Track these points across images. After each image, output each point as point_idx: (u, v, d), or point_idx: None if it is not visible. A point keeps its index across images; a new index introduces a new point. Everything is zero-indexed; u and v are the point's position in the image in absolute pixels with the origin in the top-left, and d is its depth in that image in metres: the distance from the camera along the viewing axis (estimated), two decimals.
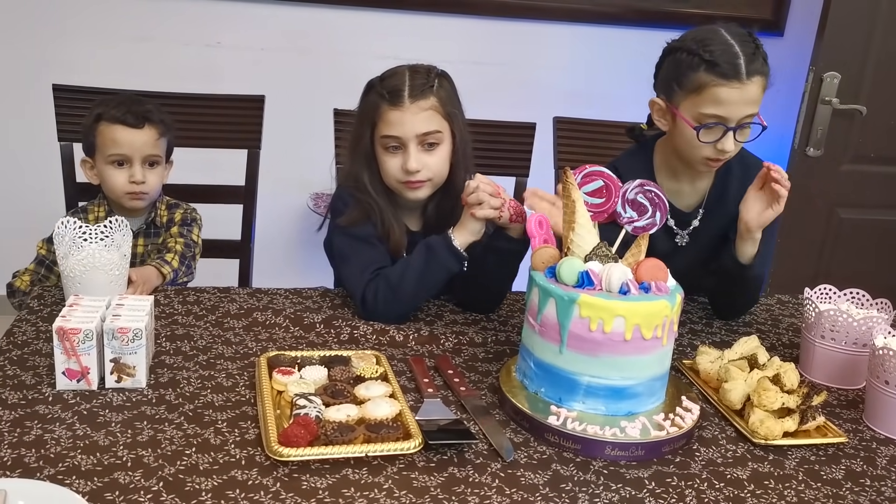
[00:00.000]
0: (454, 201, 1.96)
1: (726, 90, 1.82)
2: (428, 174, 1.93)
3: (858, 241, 3.69)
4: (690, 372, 1.75)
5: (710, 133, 1.86)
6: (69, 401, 1.44)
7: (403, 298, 1.87)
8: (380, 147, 1.94)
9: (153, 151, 2.14)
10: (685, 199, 2.07)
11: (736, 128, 1.85)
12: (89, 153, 2.17)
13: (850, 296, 1.87)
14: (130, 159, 2.11)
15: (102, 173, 2.14)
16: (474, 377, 1.67)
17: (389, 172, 1.94)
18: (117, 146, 2.11)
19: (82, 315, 1.49)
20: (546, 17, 3.90)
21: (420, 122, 1.90)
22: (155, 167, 2.16)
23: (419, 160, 1.90)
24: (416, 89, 1.90)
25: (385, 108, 1.90)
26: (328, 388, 1.50)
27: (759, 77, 1.83)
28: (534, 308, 1.52)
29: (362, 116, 1.97)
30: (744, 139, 1.90)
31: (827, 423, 1.55)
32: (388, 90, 1.91)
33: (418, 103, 1.90)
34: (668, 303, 1.45)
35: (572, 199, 1.56)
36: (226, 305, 1.90)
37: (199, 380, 1.55)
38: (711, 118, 1.84)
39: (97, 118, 2.13)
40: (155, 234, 2.22)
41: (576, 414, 1.46)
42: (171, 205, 2.26)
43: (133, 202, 2.15)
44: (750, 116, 1.85)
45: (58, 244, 1.77)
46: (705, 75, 1.83)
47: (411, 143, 1.90)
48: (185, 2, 3.60)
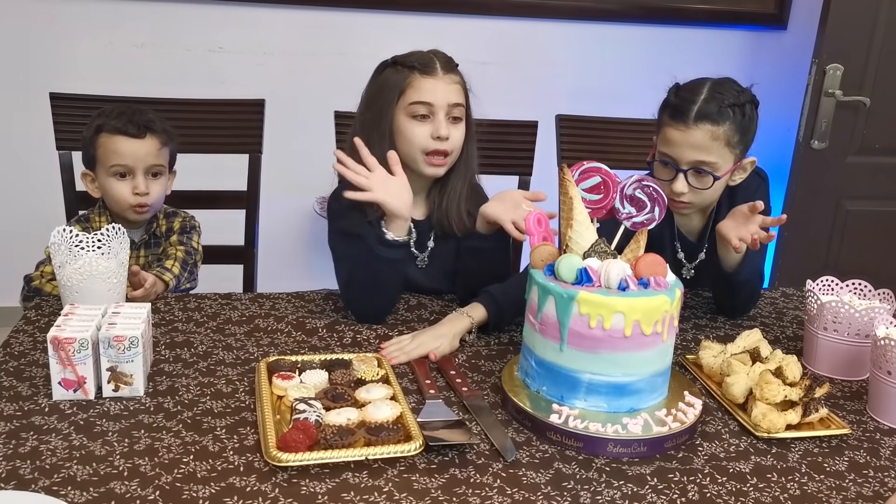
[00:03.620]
0: (463, 185, 2.01)
1: (672, 131, 1.90)
2: (452, 146, 1.96)
3: (865, 232, 3.68)
4: (694, 367, 1.73)
5: (665, 170, 1.93)
6: (65, 411, 1.43)
7: (361, 297, 1.88)
8: (405, 116, 1.95)
9: (156, 161, 2.12)
10: (693, 229, 2.12)
11: (686, 171, 1.90)
12: (90, 166, 2.14)
13: (853, 287, 1.85)
14: (133, 170, 2.08)
15: (104, 186, 2.11)
16: (477, 377, 1.66)
17: (415, 141, 1.94)
18: (119, 157, 2.08)
19: (77, 324, 1.48)
20: (547, 15, 3.88)
21: (452, 93, 1.96)
22: (158, 178, 2.13)
23: (447, 129, 1.94)
24: (446, 65, 1.98)
25: (416, 76, 1.95)
26: (329, 392, 1.49)
27: (707, 125, 1.87)
28: (534, 306, 1.51)
29: (382, 90, 1.98)
30: (701, 186, 1.91)
31: (830, 415, 1.53)
32: (418, 62, 1.96)
33: (450, 76, 1.97)
34: (668, 298, 1.44)
35: (570, 195, 1.55)
36: (227, 312, 1.90)
37: (199, 387, 1.54)
38: (663, 156, 1.93)
39: (97, 130, 2.10)
40: (155, 244, 2.21)
41: (577, 412, 1.44)
42: (169, 213, 2.25)
43: (137, 215, 2.12)
44: (702, 163, 1.89)
45: (54, 254, 1.76)
46: (665, 115, 1.94)
47: (441, 111, 1.94)
48: (186, 7, 3.59)
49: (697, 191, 1.92)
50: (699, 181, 1.91)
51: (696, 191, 1.92)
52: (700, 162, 1.89)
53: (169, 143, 2.16)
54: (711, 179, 1.90)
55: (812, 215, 3.60)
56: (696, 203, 1.96)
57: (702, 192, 1.92)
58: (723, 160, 1.90)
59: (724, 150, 1.89)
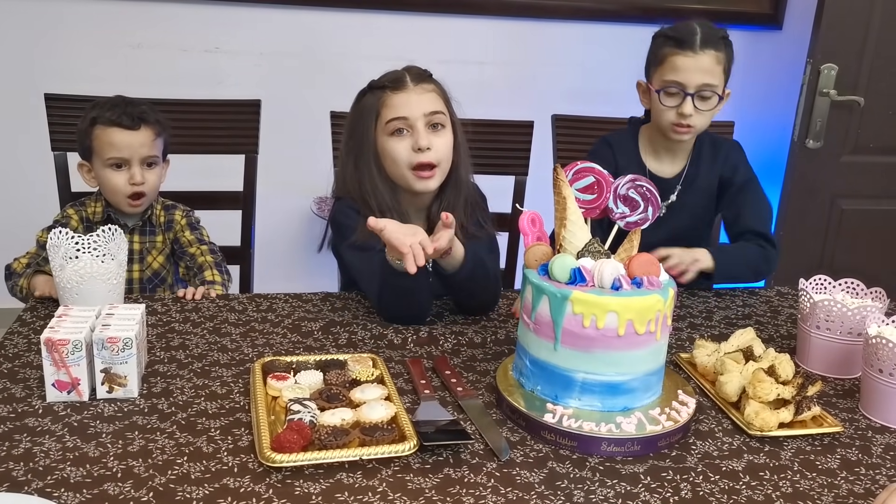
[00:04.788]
0: (459, 202, 1.99)
1: (681, 58, 2.12)
2: (437, 156, 1.94)
3: (860, 231, 3.69)
4: (688, 365, 1.74)
5: (672, 98, 2.15)
6: (59, 413, 1.43)
7: (386, 305, 1.88)
8: (385, 136, 1.95)
9: (151, 152, 2.14)
10: (665, 172, 2.30)
11: (694, 94, 2.12)
12: (86, 157, 2.17)
13: (846, 286, 1.86)
14: (129, 161, 2.12)
15: (101, 177, 2.14)
16: (472, 377, 1.66)
17: (398, 158, 1.94)
18: (115, 149, 2.11)
19: (71, 325, 1.48)
20: (544, 15, 3.89)
21: (426, 102, 1.94)
22: (153, 167, 2.16)
23: (428, 139, 1.92)
24: (416, 75, 1.97)
25: (388, 95, 1.94)
26: (323, 393, 1.49)
27: (712, 51, 2.12)
28: (528, 306, 1.51)
29: (362, 115, 1.98)
30: (705, 108, 2.15)
31: (823, 414, 1.54)
32: (388, 81, 1.96)
33: (421, 85, 1.96)
34: (661, 297, 1.44)
35: (563, 195, 1.55)
36: (224, 313, 1.90)
37: (193, 388, 1.55)
38: (671, 84, 2.14)
39: (92, 122, 2.12)
40: (151, 232, 2.22)
41: (572, 411, 1.45)
42: (168, 206, 2.27)
43: (133, 208, 2.15)
44: (707, 86, 2.13)
45: (52, 256, 1.76)
46: (667, 48, 2.16)
47: (419, 122, 1.92)
48: (182, 7, 3.60)
49: (702, 112, 2.15)
50: (704, 103, 2.14)
51: (701, 113, 2.15)
52: (706, 85, 2.12)
53: (162, 133, 2.19)
54: (716, 100, 2.14)
55: (807, 214, 3.61)
56: (699, 126, 2.18)
57: (705, 114, 2.16)
58: (720, 83, 2.15)
59: (722, 76, 2.15)
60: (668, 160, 2.30)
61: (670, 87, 2.14)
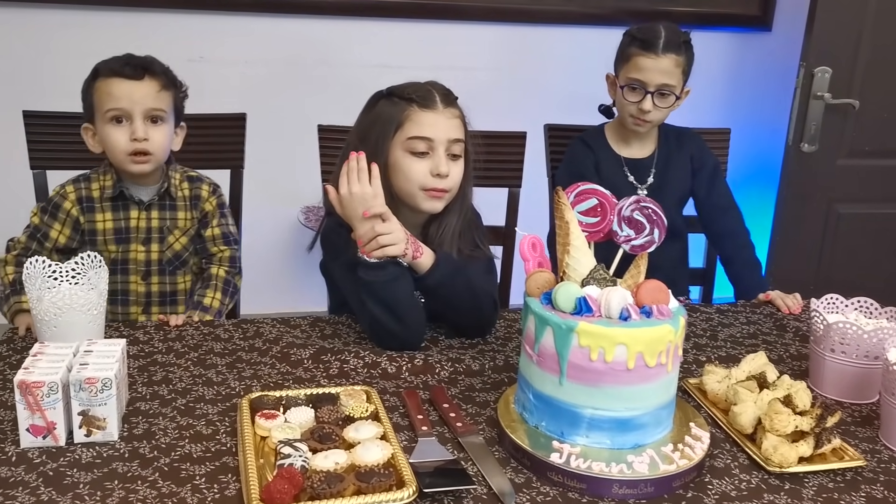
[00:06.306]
0: (458, 224, 1.93)
1: (644, 59, 2.32)
2: (451, 184, 1.88)
3: (857, 235, 3.64)
4: (697, 392, 1.66)
5: (634, 94, 2.35)
6: (34, 460, 1.34)
7: (377, 326, 1.81)
8: (402, 150, 1.86)
9: (155, 105, 1.97)
10: (637, 154, 2.49)
11: (654, 92, 2.32)
12: (89, 118, 2.01)
13: (858, 304, 1.79)
14: (130, 114, 1.95)
15: (102, 134, 1.97)
16: (471, 409, 1.58)
17: (413, 177, 1.85)
18: (114, 100, 1.94)
19: (47, 365, 1.39)
20: (533, 20, 3.85)
21: (452, 129, 1.87)
22: (159, 124, 1.99)
23: (448, 166, 1.85)
24: (446, 98, 1.89)
25: (416, 110, 1.85)
26: (315, 432, 1.41)
27: (672, 55, 2.31)
28: (530, 337, 1.43)
29: (379, 122, 1.88)
30: (663, 105, 2.35)
31: (843, 446, 1.46)
32: (417, 95, 1.86)
33: (450, 109, 1.88)
34: (672, 327, 1.36)
35: (566, 220, 1.47)
36: (209, 342, 1.81)
37: (177, 429, 1.45)
38: (634, 81, 2.33)
39: (94, 75, 1.98)
40: (171, 207, 2.07)
41: (579, 449, 1.36)
42: (192, 178, 2.12)
43: (137, 165, 1.98)
44: (666, 86, 2.32)
45: (28, 288, 1.66)
46: (633, 48, 2.35)
47: (441, 146, 1.85)
48: (165, 16, 3.50)
49: (660, 109, 2.35)
50: (663, 101, 2.34)
51: (659, 109, 2.35)
52: (665, 85, 2.32)
53: (171, 87, 2.03)
54: (673, 99, 2.34)
55: (803, 219, 3.57)
56: (657, 120, 2.39)
57: (663, 110, 2.36)
58: (678, 84, 2.34)
59: (680, 76, 2.34)
60: (638, 145, 2.49)
61: (633, 83, 2.34)
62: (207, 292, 2.06)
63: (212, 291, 2.06)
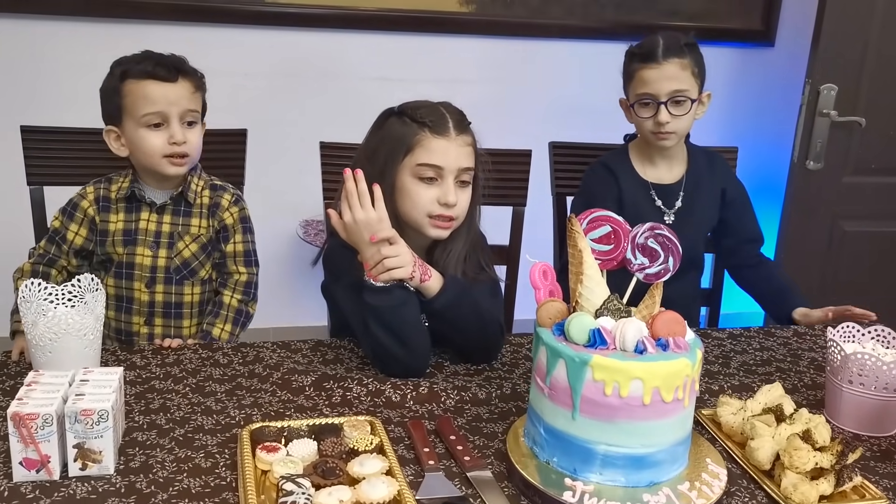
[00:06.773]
0: (463, 248, 1.88)
1: (647, 71, 2.23)
2: (458, 212, 1.83)
3: (862, 252, 3.61)
4: (711, 424, 1.61)
5: (646, 109, 2.25)
6: (27, 495, 1.29)
7: (381, 351, 1.76)
8: (410, 175, 1.81)
9: (190, 106, 1.93)
10: (665, 178, 2.38)
11: (666, 101, 2.21)
12: (114, 121, 1.95)
13: (875, 334, 1.74)
14: (167, 117, 1.90)
15: (135, 139, 1.92)
16: (479, 441, 1.53)
17: (420, 204, 1.80)
18: (151, 104, 1.89)
19: (41, 396, 1.34)
20: (534, 34, 3.83)
21: (463, 157, 1.82)
22: (193, 126, 1.95)
23: (456, 195, 1.81)
24: (459, 124, 1.83)
25: (427, 135, 1.80)
26: (318, 466, 1.36)
27: (675, 59, 2.21)
28: (542, 369, 1.38)
29: (388, 143, 1.83)
30: (680, 112, 2.23)
31: (864, 483, 1.41)
32: (430, 119, 1.80)
33: (463, 137, 1.83)
34: (689, 361, 1.32)
35: (579, 248, 1.42)
36: (207, 368, 1.76)
37: (175, 461, 1.40)
38: (643, 96, 2.24)
39: (122, 76, 1.91)
40: (186, 213, 2.01)
41: (592, 487, 1.32)
42: (216, 186, 2.06)
43: (174, 168, 1.93)
44: (678, 91, 2.21)
45: (24, 312, 1.61)
46: (634, 63, 2.27)
47: (450, 175, 1.80)
48: (165, 28, 3.45)
49: (678, 118, 2.23)
50: (678, 108, 2.23)
51: (677, 118, 2.23)
52: (675, 91, 2.21)
53: (201, 87, 1.99)
54: (689, 104, 2.23)
55: (808, 236, 3.53)
56: (679, 131, 2.27)
57: (682, 118, 2.24)
58: (692, 87, 2.23)
59: (692, 79, 2.23)
60: (665, 166, 2.38)
61: (643, 99, 2.24)
62: (217, 322, 2.01)
63: (221, 322, 2.01)
